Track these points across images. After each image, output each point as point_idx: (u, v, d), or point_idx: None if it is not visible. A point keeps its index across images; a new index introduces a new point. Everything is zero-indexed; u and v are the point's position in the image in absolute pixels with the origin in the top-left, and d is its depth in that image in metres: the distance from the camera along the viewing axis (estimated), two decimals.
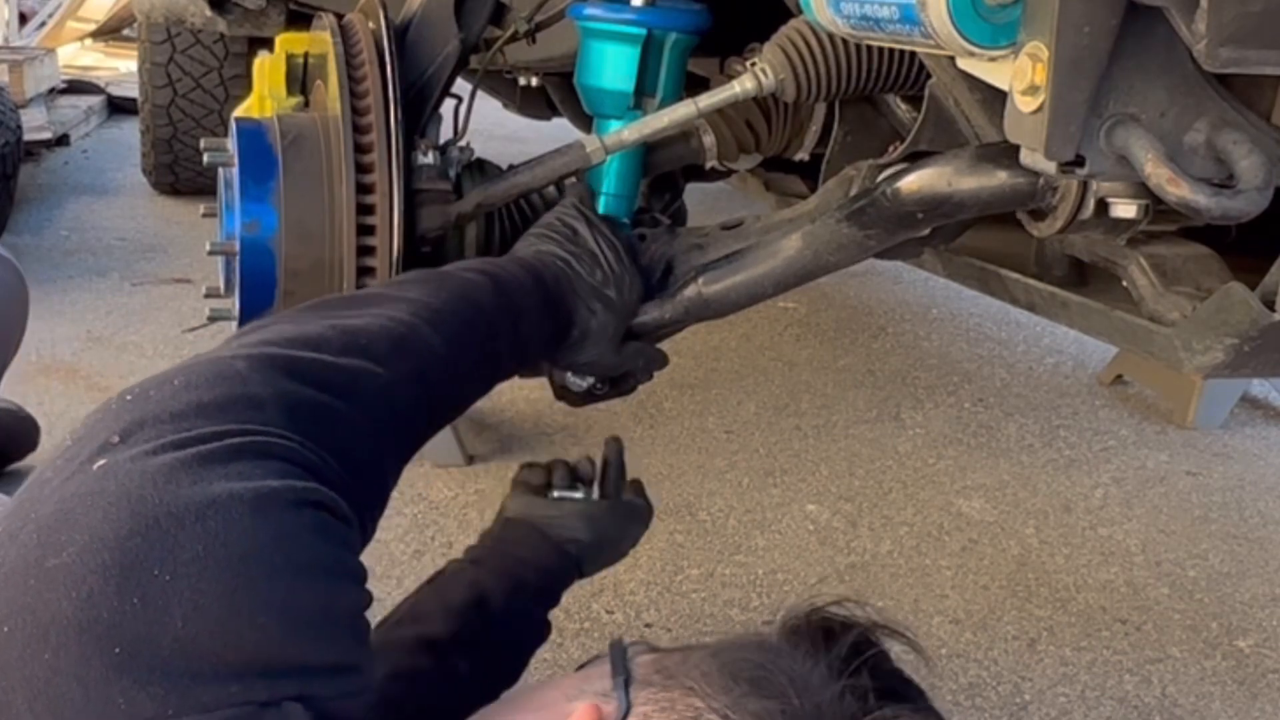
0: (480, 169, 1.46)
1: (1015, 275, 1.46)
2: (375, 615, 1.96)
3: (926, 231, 1.28)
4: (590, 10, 1.44)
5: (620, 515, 1.50)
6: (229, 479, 0.70)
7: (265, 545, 0.68)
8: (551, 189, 1.48)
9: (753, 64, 1.38)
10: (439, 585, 1.33)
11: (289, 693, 0.66)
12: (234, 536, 0.67)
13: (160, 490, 0.68)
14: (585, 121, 2.03)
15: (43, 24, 6.60)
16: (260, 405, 0.77)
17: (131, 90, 4.83)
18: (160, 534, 0.66)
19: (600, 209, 1.49)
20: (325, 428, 0.80)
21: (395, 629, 1.26)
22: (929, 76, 1.23)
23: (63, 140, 5.01)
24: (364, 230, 1.29)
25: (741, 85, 1.36)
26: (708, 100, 1.36)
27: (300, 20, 2.26)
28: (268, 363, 0.82)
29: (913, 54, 1.33)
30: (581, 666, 0.82)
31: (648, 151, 1.51)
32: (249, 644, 0.65)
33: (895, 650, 0.76)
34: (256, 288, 1.31)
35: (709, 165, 1.60)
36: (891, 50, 1.35)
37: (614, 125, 1.44)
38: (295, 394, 0.80)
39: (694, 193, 1.78)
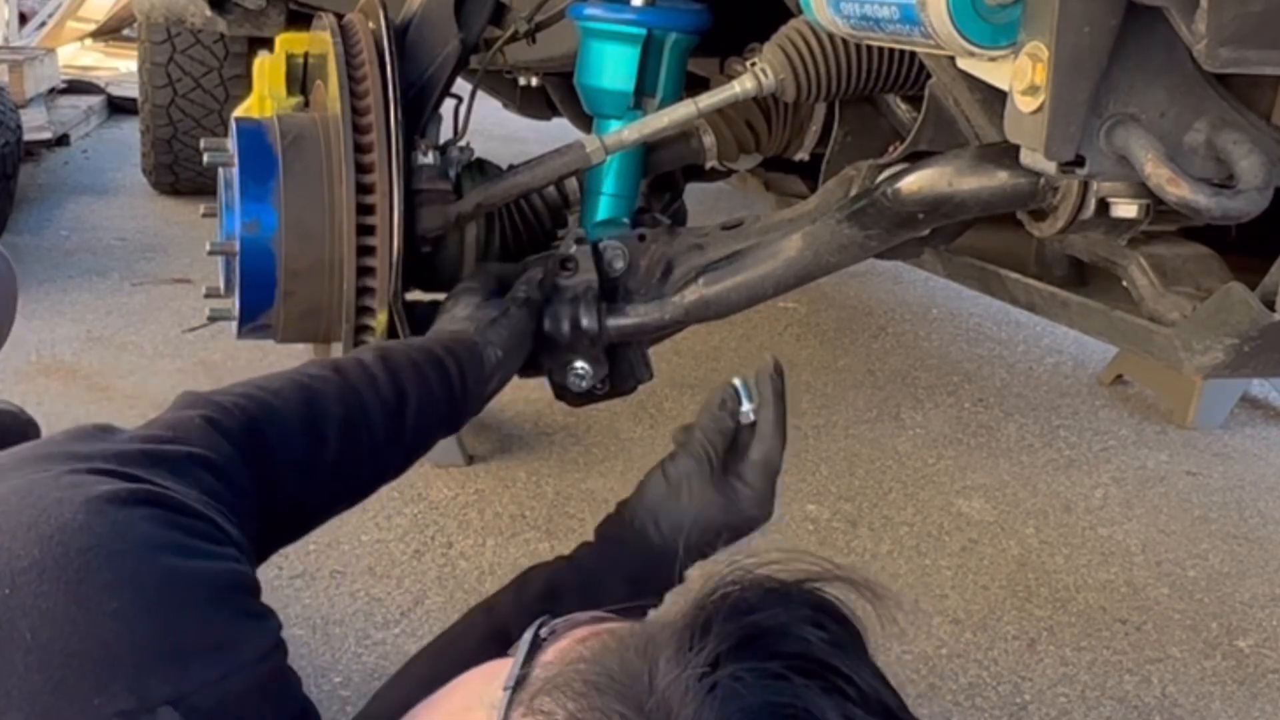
0: (480, 169, 1.46)
1: (1015, 275, 1.46)
2: (376, 617, 1.97)
3: (926, 231, 1.28)
4: (590, 10, 1.44)
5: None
6: (59, 490, 0.70)
7: (104, 536, 0.67)
8: (551, 189, 1.48)
9: (753, 64, 1.38)
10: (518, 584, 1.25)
11: (160, 696, 0.64)
12: (69, 534, 0.66)
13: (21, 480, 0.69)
14: (585, 121, 2.03)
15: (43, 24, 6.60)
16: (87, 457, 0.77)
17: (131, 90, 4.83)
18: None
19: (600, 209, 1.49)
20: (158, 466, 0.80)
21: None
22: (929, 76, 1.23)
23: (63, 140, 5.01)
24: (364, 230, 1.29)
25: (741, 85, 1.37)
26: (708, 100, 1.36)
27: (300, 20, 2.26)
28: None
29: (913, 54, 1.33)
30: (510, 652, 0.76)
31: (648, 151, 1.51)
32: (106, 636, 0.64)
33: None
34: (256, 288, 1.31)
35: (709, 165, 1.60)
36: (891, 50, 1.35)
37: (614, 125, 1.44)
38: (121, 449, 0.81)
39: (694, 193, 1.78)
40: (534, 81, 2.16)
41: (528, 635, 0.67)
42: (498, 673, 0.66)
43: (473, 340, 1.23)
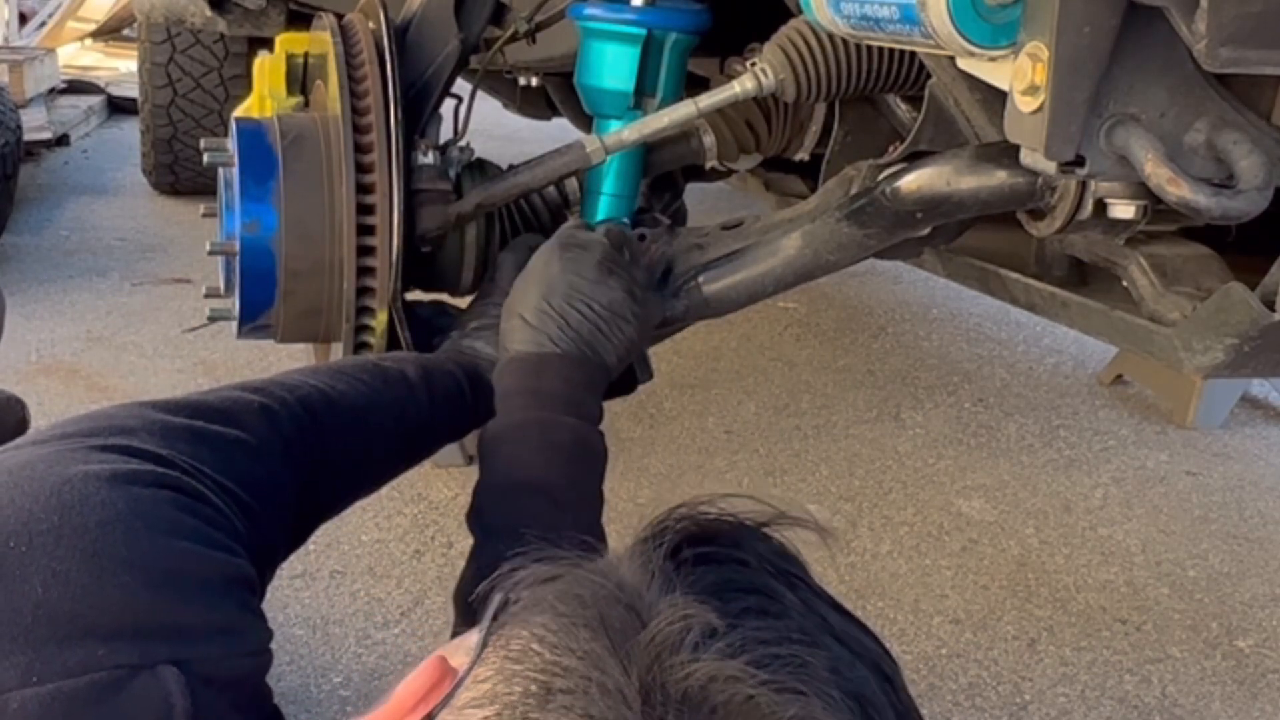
0: (480, 169, 1.46)
1: (1015, 275, 1.46)
2: (376, 617, 1.97)
3: (926, 231, 1.28)
4: (590, 10, 1.44)
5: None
6: (88, 464, 0.72)
7: (123, 513, 0.69)
8: (551, 189, 1.49)
9: (753, 64, 1.38)
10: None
11: (162, 656, 0.65)
12: (90, 507, 0.68)
13: (14, 476, 0.70)
14: (585, 121, 2.04)
15: (43, 24, 6.60)
16: (132, 430, 0.80)
17: (131, 90, 4.83)
18: (14, 510, 0.67)
19: (600, 209, 1.49)
20: (200, 445, 0.83)
21: None
22: (929, 76, 1.23)
23: (63, 140, 5.01)
24: (364, 230, 1.29)
25: (741, 85, 1.37)
26: (708, 100, 1.36)
27: (300, 20, 2.26)
28: (146, 407, 0.86)
29: (913, 54, 1.33)
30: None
31: (648, 151, 1.51)
32: (114, 605, 0.66)
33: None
34: (256, 288, 1.31)
35: (709, 165, 1.60)
36: (891, 50, 1.35)
37: (614, 125, 1.44)
38: (168, 420, 0.84)
39: (694, 193, 1.78)
40: (534, 81, 2.16)
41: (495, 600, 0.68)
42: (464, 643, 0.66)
43: (489, 376, 1.26)
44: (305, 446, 0.96)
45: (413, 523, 2.29)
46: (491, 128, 3.56)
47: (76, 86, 5.72)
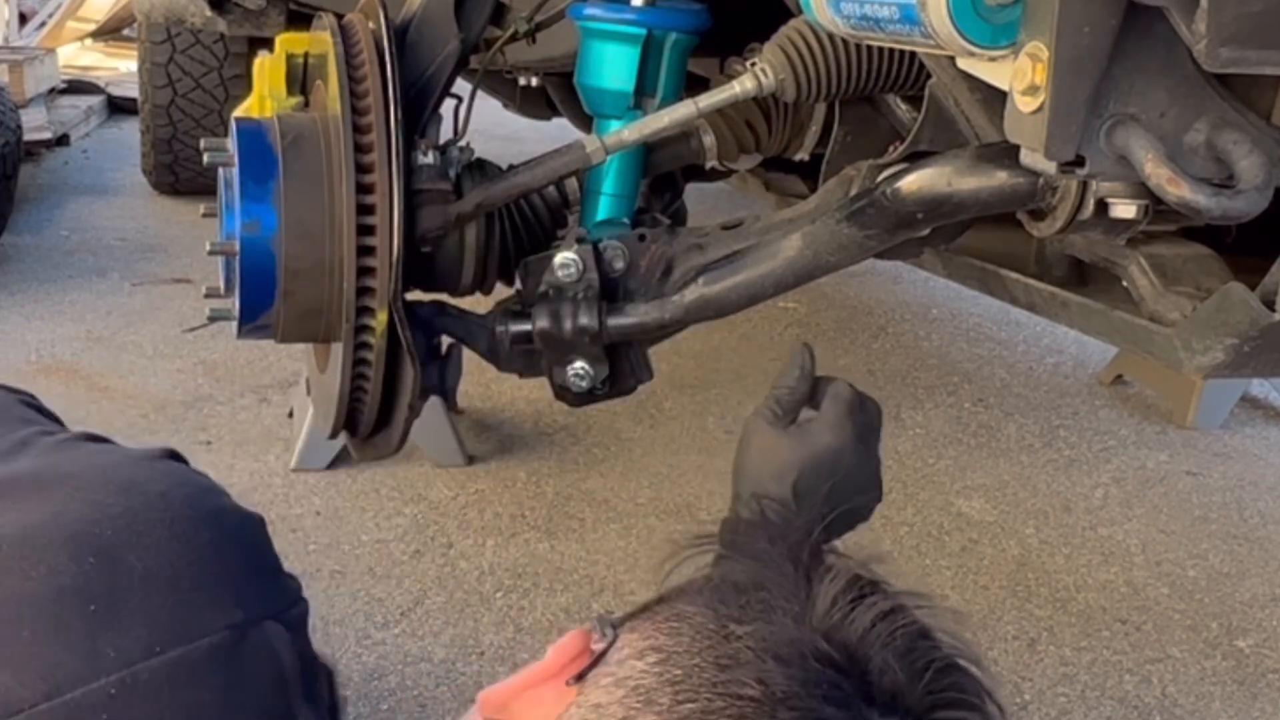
0: (480, 169, 1.46)
1: (1015, 275, 1.46)
2: (376, 617, 1.97)
3: (926, 231, 1.28)
4: (590, 10, 1.44)
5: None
6: (98, 456, 0.78)
7: (173, 484, 0.74)
8: (551, 189, 1.48)
9: (753, 64, 1.38)
10: None
11: (262, 610, 0.70)
12: (142, 483, 0.73)
13: (59, 478, 0.74)
14: (585, 121, 2.03)
15: (43, 24, 6.59)
16: None
17: (131, 90, 4.83)
18: (83, 503, 0.70)
19: (600, 209, 1.49)
20: None
21: None
22: (929, 76, 1.23)
23: (63, 140, 5.01)
24: (364, 230, 1.28)
25: (741, 85, 1.36)
26: (708, 100, 1.36)
27: (300, 20, 2.26)
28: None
29: (913, 54, 1.33)
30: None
31: (648, 151, 1.51)
32: (206, 568, 0.69)
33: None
34: (256, 288, 1.31)
35: (709, 165, 1.60)
36: (891, 50, 1.35)
37: (614, 125, 1.44)
38: None
39: (694, 193, 1.78)
40: (534, 81, 2.16)
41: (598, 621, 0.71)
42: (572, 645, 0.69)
43: None
44: None
45: (413, 523, 2.29)
46: (491, 128, 3.56)
47: (76, 86, 5.72)
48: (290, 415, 2.59)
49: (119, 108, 5.69)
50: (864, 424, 1.15)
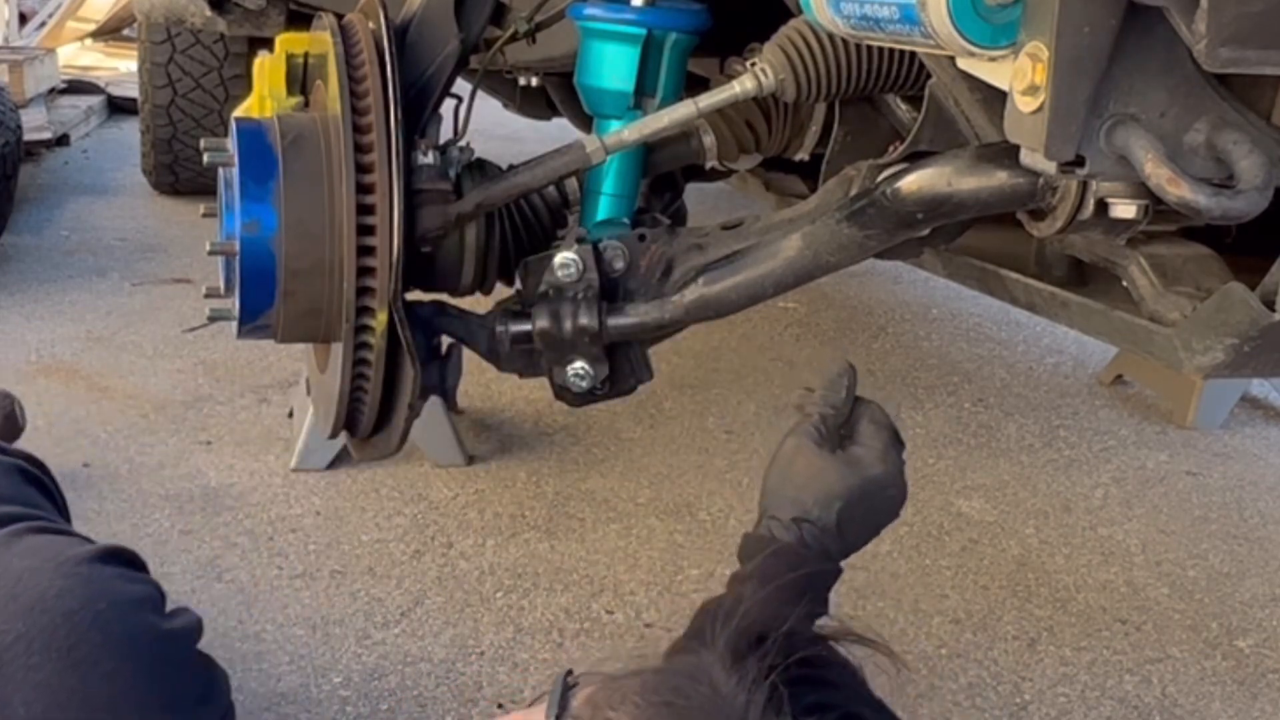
0: (480, 169, 1.46)
1: (1015, 275, 1.46)
2: (376, 617, 1.97)
3: (926, 231, 1.28)
4: (590, 10, 1.44)
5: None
6: (25, 558, 0.69)
7: (86, 600, 0.66)
8: (551, 189, 1.48)
9: (753, 64, 1.38)
10: None
11: None
12: (49, 601, 0.65)
13: None
14: (585, 121, 2.03)
15: (43, 24, 6.60)
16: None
17: (131, 90, 4.83)
18: None
19: (600, 209, 1.49)
20: None
21: None
22: (929, 76, 1.23)
23: (63, 140, 5.01)
24: (364, 230, 1.29)
25: (741, 85, 1.37)
26: (708, 100, 1.36)
27: (300, 20, 2.26)
28: None
29: (913, 54, 1.33)
30: (531, 703, 0.75)
31: (648, 151, 1.51)
32: (106, 696, 0.62)
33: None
34: (256, 288, 1.31)
35: (709, 165, 1.60)
36: (891, 50, 1.35)
37: (614, 125, 1.44)
38: None
39: (694, 193, 1.78)
40: (534, 81, 2.16)
41: (556, 684, 0.66)
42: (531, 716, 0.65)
43: None
44: None
45: (413, 523, 2.29)
46: (491, 128, 3.56)
47: (76, 86, 5.72)
48: (290, 415, 2.59)
49: (119, 108, 5.69)
50: (900, 452, 1.15)
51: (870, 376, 3.18)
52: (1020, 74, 0.93)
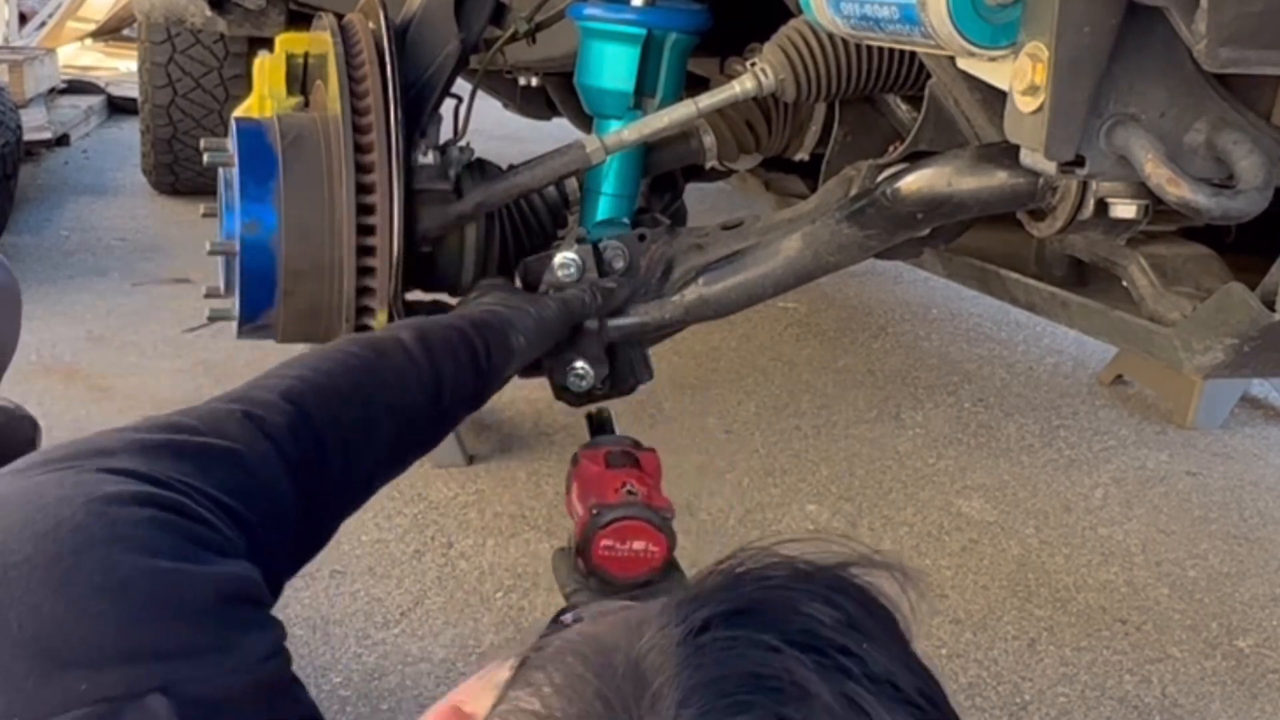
0: (480, 169, 1.46)
1: (1015, 275, 1.46)
2: (376, 617, 1.97)
3: (926, 231, 1.28)
4: (590, 10, 1.44)
5: None
6: (62, 488, 0.70)
7: (99, 537, 0.67)
8: (551, 189, 1.48)
9: (753, 64, 1.38)
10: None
11: (148, 684, 0.63)
12: (64, 533, 0.66)
13: (8, 481, 0.69)
14: (585, 121, 2.03)
15: (43, 24, 6.59)
16: (111, 452, 0.77)
17: (131, 90, 4.83)
18: None
19: (600, 209, 1.49)
20: (182, 460, 0.80)
21: None
22: (929, 76, 1.23)
23: (63, 140, 5.01)
24: (364, 230, 1.29)
25: (741, 85, 1.36)
26: (708, 100, 1.36)
27: (300, 20, 2.26)
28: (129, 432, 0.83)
29: (913, 54, 1.33)
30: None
31: (648, 151, 1.51)
32: (93, 635, 0.64)
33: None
34: (256, 288, 1.31)
35: (709, 165, 1.60)
36: (891, 50, 1.35)
37: (614, 125, 1.44)
38: (147, 439, 0.81)
39: (694, 193, 1.78)
40: (534, 81, 2.16)
41: (549, 622, 0.65)
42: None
43: (501, 323, 1.25)
44: (297, 442, 0.92)
45: (413, 523, 2.29)
46: (491, 128, 3.56)
47: (76, 86, 5.72)
48: None
49: (119, 108, 5.69)
50: None
51: (870, 376, 3.18)
52: (1020, 74, 0.93)
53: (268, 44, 1.61)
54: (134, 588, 0.66)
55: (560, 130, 2.44)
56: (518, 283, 1.44)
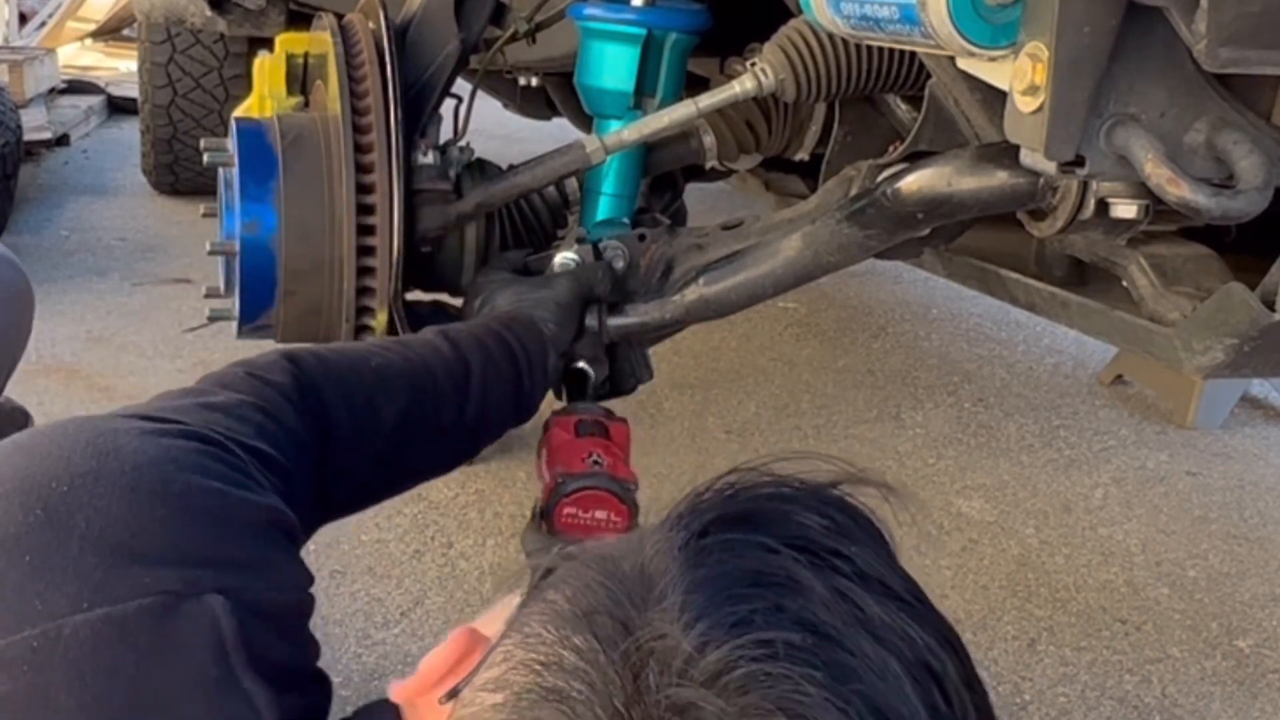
0: (480, 169, 1.46)
1: (1015, 275, 1.46)
2: (376, 617, 1.97)
3: (926, 231, 1.28)
4: (590, 10, 1.44)
5: None
6: (113, 423, 0.76)
7: (156, 457, 0.72)
8: (551, 189, 1.49)
9: (753, 64, 1.38)
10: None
11: (206, 585, 0.68)
12: (125, 452, 0.72)
13: (50, 433, 0.74)
14: (585, 121, 2.04)
15: (43, 24, 6.59)
16: (142, 413, 0.82)
17: (131, 90, 4.83)
18: (54, 458, 0.71)
19: (600, 209, 1.49)
20: (211, 413, 0.86)
21: None
22: (929, 76, 1.23)
23: (63, 140, 5.00)
24: (364, 230, 1.29)
25: (741, 85, 1.37)
26: (708, 100, 1.36)
27: (300, 20, 2.26)
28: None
29: (913, 54, 1.33)
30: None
31: (648, 151, 1.51)
32: (155, 537, 0.68)
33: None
34: (256, 288, 1.32)
35: (709, 165, 1.60)
36: (891, 50, 1.35)
37: (614, 125, 1.44)
38: (172, 403, 0.88)
39: (694, 193, 1.78)
40: (534, 81, 2.16)
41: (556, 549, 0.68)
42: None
43: (525, 313, 1.26)
44: (302, 395, 0.96)
45: (413, 523, 2.29)
46: (491, 128, 3.56)
47: (76, 86, 5.71)
48: None
49: (119, 108, 5.68)
50: None
51: (870, 376, 3.18)
52: (1020, 74, 0.93)
53: (268, 44, 1.61)
54: (191, 500, 0.71)
55: (560, 130, 2.44)
56: None
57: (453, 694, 0.60)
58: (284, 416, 0.92)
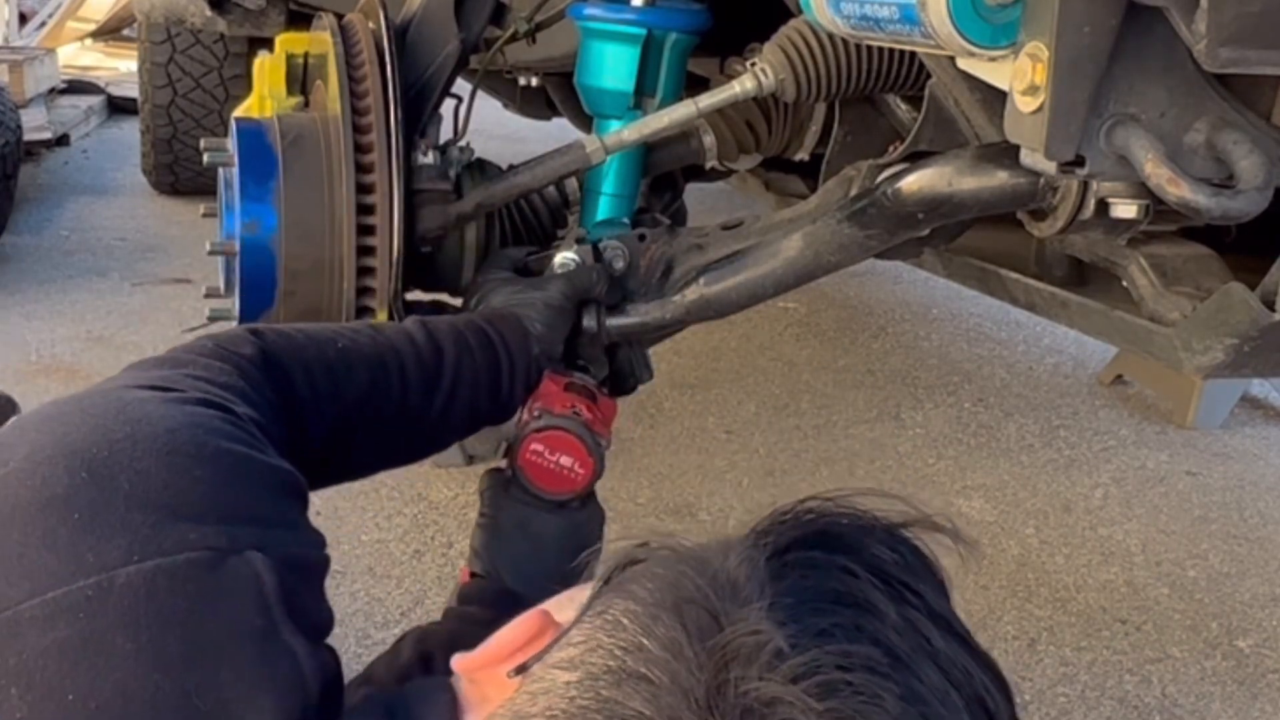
0: (480, 169, 1.46)
1: (1015, 275, 1.46)
2: (376, 617, 1.97)
3: (926, 231, 1.28)
4: (590, 10, 1.44)
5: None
6: (136, 392, 0.79)
7: (184, 422, 0.76)
8: (551, 189, 1.48)
9: (753, 64, 1.38)
10: None
11: (246, 541, 0.71)
12: (155, 418, 0.75)
13: (75, 404, 0.77)
14: (585, 121, 2.03)
15: (43, 24, 6.59)
16: (145, 381, 0.84)
17: (131, 90, 4.83)
18: (91, 427, 0.73)
19: (600, 209, 1.49)
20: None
21: None
22: (929, 76, 1.23)
23: (63, 140, 5.01)
24: (364, 230, 1.29)
25: (741, 85, 1.36)
26: (708, 100, 1.36)
27: (300, 20, 2.25)
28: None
29: (913, 54, 1.33)
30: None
31: (648, 151, 1.51)
32: (195, 496, 0.71)
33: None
34: (256, 288, 1.31)
35: (709, 165, 1.60)
36: (891, 50, 1.35)
37: (614, 125, 1.44)
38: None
39: (694, 193, 1.78)
40: (534, 81, 2.16)
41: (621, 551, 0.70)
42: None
43: (511, 311, 1.27)
44: (267, 364, 0.97)
45: (413, 523, 2.29)
46: (491, 128, 3.56)
47: (76, 86, 5.71)
48: None
49: (119, 108, 5.69)
50: None
51: (870, 376, 3.18)
52: (1020, 74, 0.93)
53: (268, 44, 1.61)
54: (223, 462, 0.75)
55: (560, 130, 2.44)
56: None
57: (521, 669, 0.63)
58: (260, 387, 0.94)
